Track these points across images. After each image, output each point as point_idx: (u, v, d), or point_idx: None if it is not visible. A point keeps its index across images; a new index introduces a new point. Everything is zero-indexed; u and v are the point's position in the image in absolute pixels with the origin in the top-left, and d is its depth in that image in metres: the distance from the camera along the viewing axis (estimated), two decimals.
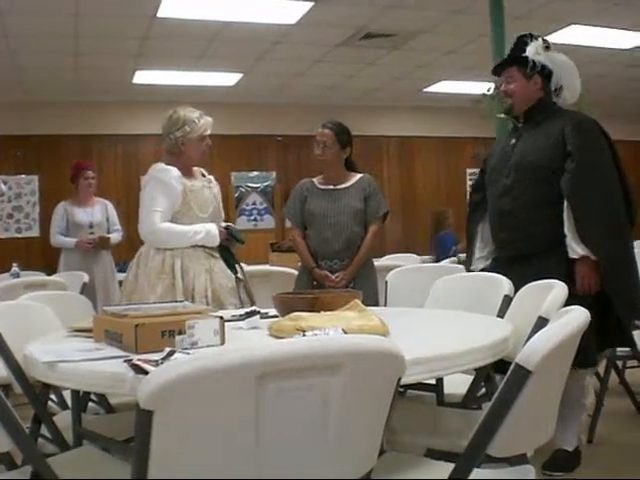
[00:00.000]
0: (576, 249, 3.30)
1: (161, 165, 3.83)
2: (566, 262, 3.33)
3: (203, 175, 4.02)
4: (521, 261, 3.41)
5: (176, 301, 3.38)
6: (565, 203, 3.32)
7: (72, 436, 2.41)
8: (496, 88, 5.36)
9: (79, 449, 2.36)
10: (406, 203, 11.00)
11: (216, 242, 3.82)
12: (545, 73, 3.51)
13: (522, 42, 3.57)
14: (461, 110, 9.89)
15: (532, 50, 3.50)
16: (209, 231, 3.79)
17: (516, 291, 2.86)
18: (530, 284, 2.74)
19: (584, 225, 3.29)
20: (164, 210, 3.72)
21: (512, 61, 3.58)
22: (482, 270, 3.68)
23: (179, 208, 3.76)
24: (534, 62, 3.48)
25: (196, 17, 6.50)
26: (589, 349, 3.21)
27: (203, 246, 3.80)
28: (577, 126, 3.39)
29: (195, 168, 3.99)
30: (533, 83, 3.51)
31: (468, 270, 3.81)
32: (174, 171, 3.78)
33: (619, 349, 4.08)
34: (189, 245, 3.75)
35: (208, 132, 3.87)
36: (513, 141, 3.60)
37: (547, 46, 3.55)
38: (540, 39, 3.54)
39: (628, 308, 3.33)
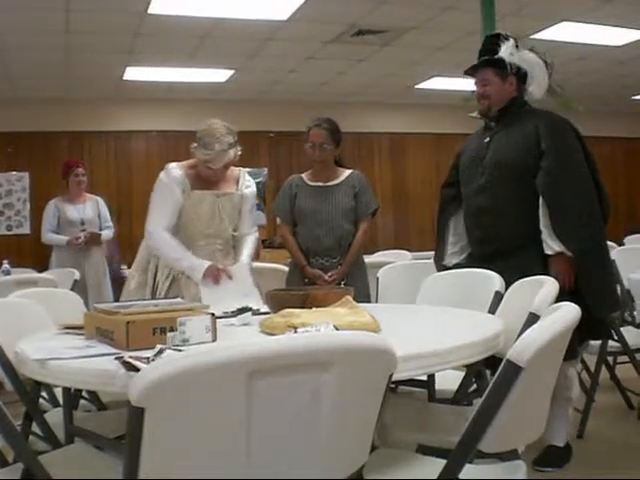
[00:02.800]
0: (552, 245, 3.34)
1: (170, 164, 3.74)
2: (541, 259, 3.37)
3: (238, 181, 3.87)
4: (497, 258, 3.41)
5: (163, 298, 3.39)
6: (540, 200, 3.36)
7: (63, 433, 2.41)
8: None
9: (70, 446, 2.35)
10: (397, 200, 11.00)
11: (197, 279, 3.57)
12: (520, 74, 3.54)
13: (493, 42, 3.59)
14: (452, 107, 9.81)
15: (506, 51, 3.53)
16: (193, 269, 3.57)
17: None
18: (521, 280, 2.75)
19: (559, 221, 3.33)
20: (162, 213, 3.66)
21: (487, 63, 3.59)
22: (456, 265, 3.69)
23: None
24: (510, 64, 3.51)
25: (187, 13, 6.48)
26: (570, 342, 3.23)
27: None
28: (551, 125, 3.44)
29: (230, 172, 3.84)
30: (508, 84, 3.55)
31: (439, 266, 3.78)
32: (175, 172, 3.68)
33: (610, 344, 4.11)
34: (172, 263, 3.66)
35: (216, 167, 3.63)
36: (487, 140, 3.62)
37: (517, 45, 3.58)
38: (511, 39, 3.57)
39: (601, 303, 3.35)
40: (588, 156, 3.45)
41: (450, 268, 3.68)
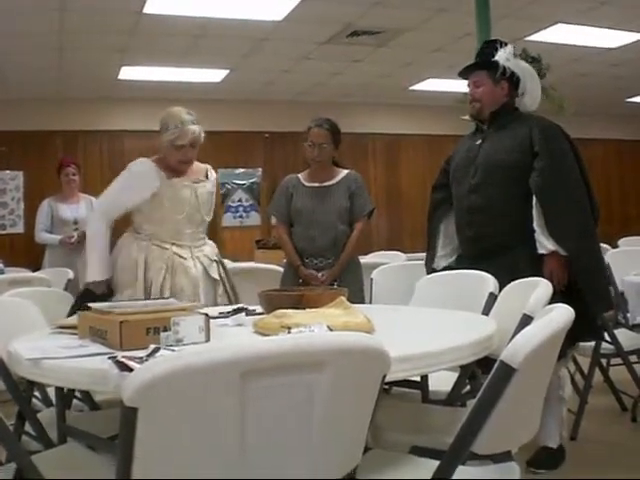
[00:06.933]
0: (546, 244, 3.36)
1: (138, 159, 3.83)
2: (530, 258, 3.39)
3: (207, 174, 3.94)
4: (486, 258, 3.43)
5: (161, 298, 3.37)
6: (534, 200, 3.39)
7: (56, 433, 2.40)
8: None
9: (63, 446, 2.34)
10: (391, 200, 11.01)
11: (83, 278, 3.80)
12: (513, 79, 3.60)
13: (491, 47, 3.66)
14: (447, 108, 9.86)
15: (503, 56, 3.59)
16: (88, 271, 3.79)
17: None
18: (514, 282, 2.76)
19: (553, 221, 3.36)
20: (115, 201, 3.80)
21: (482, 65, 3.65)
22: (445, 268, 3.71)
23: (150, 201, 3.72)
24: (504, 68, 3.57)
25: (182, 13, 6.47)
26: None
27: (173, 243, 3.74)
28: (543, 129, 3.48)
29: (197, 166, 3.90)
30: (500, 88, 3.60)
31: (430, 268, 3.80)
32: (147, 164, 3.75)
33: (603, 346, 4.11)
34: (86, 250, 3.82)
35: (184, 142, 3.64)
36: (479, 142, 3.65)
37: (514, 53, 3.65)
38: (509, 46, 3.64)
39: (595, 301, 3.37)
40: (579, 161, 3.49)
41: (440, 271, 3.68)
